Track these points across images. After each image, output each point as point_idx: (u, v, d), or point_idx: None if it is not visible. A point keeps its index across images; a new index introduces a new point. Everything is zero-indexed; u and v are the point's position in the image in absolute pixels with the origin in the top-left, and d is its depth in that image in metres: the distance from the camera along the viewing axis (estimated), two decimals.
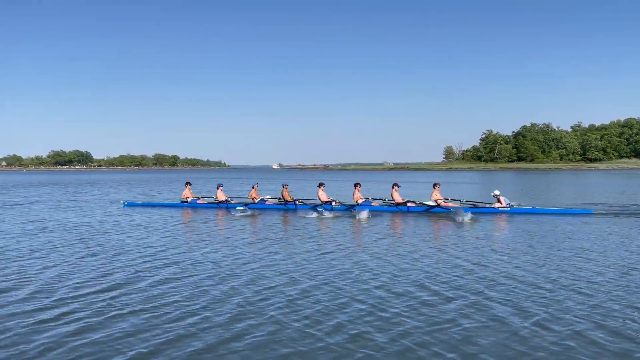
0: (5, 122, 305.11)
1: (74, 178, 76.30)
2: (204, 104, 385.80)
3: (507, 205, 17.92)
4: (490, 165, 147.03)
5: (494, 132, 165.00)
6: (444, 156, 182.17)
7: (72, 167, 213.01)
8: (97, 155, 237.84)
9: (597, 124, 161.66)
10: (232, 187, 39.64)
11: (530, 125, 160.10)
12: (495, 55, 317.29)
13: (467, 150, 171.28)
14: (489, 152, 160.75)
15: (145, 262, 9.17)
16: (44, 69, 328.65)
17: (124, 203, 21.85)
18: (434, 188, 18.73)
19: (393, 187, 19.04)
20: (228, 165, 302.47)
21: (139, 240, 11.75)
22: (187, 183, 21.71)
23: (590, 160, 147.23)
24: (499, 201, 18.07)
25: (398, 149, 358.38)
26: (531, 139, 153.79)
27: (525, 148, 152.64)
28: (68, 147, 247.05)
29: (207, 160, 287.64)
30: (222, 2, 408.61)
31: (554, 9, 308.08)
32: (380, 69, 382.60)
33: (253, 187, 20.62)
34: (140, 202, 21.97)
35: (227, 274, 8.11)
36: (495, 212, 17.68)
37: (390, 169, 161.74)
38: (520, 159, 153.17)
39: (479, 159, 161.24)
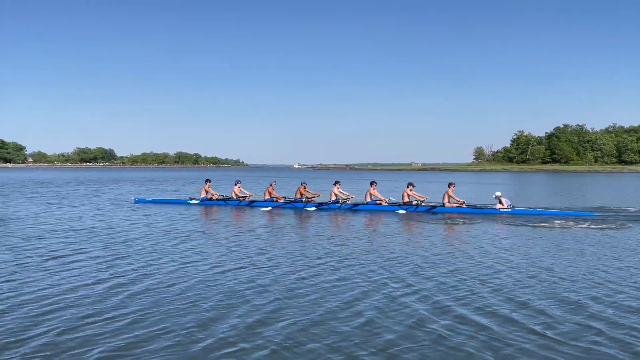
0: (30, 120, 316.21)
1: (121, 175, 77.17)
2: (223, 103, 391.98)
3: (509, 207, 18.64)
4: (525, 167, 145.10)
5: (526, 133, 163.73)
6: (473, 157, 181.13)
7: (96, 164, 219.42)
8: (119, 152, 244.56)
9: (626, 125, 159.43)
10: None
11: (562, 126, 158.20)
12: (523, 56, 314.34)
13: (497, 152, 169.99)
14: (521, 153, 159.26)
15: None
16: (67, 68, 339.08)
17: (135, 199, 23.30)
18: (449, 187, 19.50)
19: (408, 187, 19.80)
20: (246, 164, 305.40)
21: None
22: (207, 180, 22.37)
23: (626, 163, 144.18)
24: (500, 202, 18.80)
25: (424, 150, 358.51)
26: (565, 141, 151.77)
27: (560, 149, 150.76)
28: (91, 144, 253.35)
29: (226, 159, 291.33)
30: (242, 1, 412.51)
31: (580, 9, 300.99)
32: (405, 68, 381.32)
33: (270, 185, 21.46)
34: (150, 199, 23.37)
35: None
36: (497, 213, 18.41)
37: (420, 170, 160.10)
38: (554, 161, 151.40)
39: (510, 160, 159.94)
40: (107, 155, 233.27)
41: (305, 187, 20.76)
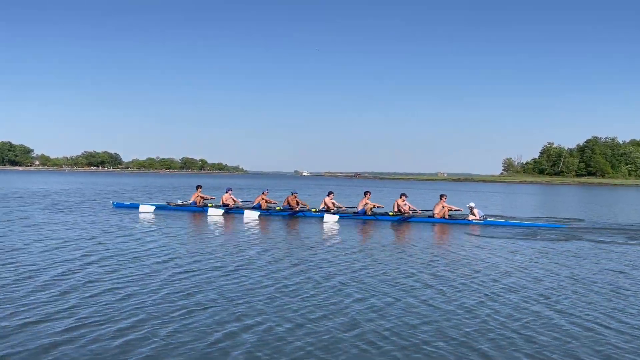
0: (33, 122, 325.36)
1: (153, 182, 77.42)
2: (224, 108, 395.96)
3: (481, 218, 19.50)
4: (566, 179, 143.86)
5: (555, 144, 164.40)
6: (502, 168, 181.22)
7: (104, 168, 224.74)
8: (124, 157, 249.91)
9: None
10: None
11: (592, 138, 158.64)
12: (553, 69, 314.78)
13: (527, 163, 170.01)
14: (552, 165, 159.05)
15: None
16: (71, 70, 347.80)
17: (113, 203, 24.71)
18: (441, 199, 20.33)
19: (401, 197, 20.64)
20: (246, 171, 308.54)
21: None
22: (198, 186, 23.24)
23: None
24: (472, 213, 19.66)
25: (450, 160, 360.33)
26: (600, 153, 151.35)
27: (596, 162, 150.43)
28: (92, 147, 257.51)
29: (225, 165, 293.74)
30: (251, 8, 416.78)
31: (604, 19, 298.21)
32: (429, 77, 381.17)
33: (263, 193, 22.14)
34: (128, 203, 24.74)
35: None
36: (469, 224, 19.29)
37: (454, 180, 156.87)
38: (589, 174, 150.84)
39: (541, 172, 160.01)
40: (113, 160, 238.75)
41: (295, 197, 21.66)
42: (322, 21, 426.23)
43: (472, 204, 20.14)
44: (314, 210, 21.13)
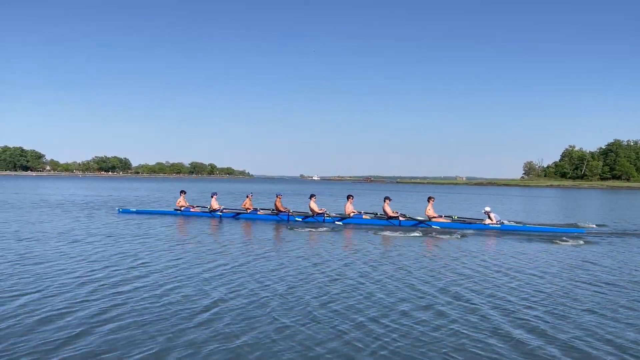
0: (40, 126, 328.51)
1: (202, 187, 75.36)
2: (232, 112, 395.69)
3: (498, 222, 19.39)
4: (594, 183, 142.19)
5: (577, 148, 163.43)
6: (523, 172, 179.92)
7: (115, 173, 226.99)
8: (133, 161, 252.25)
9: None
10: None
11: (614, 141, 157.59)
12: (572, 73, 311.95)
13: (549, 167, 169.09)
14: (575, 169, 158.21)
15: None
16: (78, 74, 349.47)
17: (118, 210, 25.02)
18: (428, 202, 20.48)
19: (385, 201, 20.88)
20: (252, 175, 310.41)
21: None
22: (182, 191, 24.31)
23: None
24: (489, 218, 19.56)
25: (468, 164, 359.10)
26: (624, 156, 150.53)
27: (621, 165, 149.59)
28: (100, 152, 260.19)
29: (233, 170, 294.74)
30: (253, 11, 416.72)
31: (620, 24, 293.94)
32: (450, 81, 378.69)
33: (247, 197, 23.06)
34: (134, 209, 25.07)
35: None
36: (486, 228, 19.19)
37: (476, 184, 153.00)
38: (614, 177, 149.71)
39: (563, 175, 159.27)
40: (122, 165, 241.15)
41: (279, 199, 22.12)
42: (326, 21, 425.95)
43: (488, 208, 20.02)
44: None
